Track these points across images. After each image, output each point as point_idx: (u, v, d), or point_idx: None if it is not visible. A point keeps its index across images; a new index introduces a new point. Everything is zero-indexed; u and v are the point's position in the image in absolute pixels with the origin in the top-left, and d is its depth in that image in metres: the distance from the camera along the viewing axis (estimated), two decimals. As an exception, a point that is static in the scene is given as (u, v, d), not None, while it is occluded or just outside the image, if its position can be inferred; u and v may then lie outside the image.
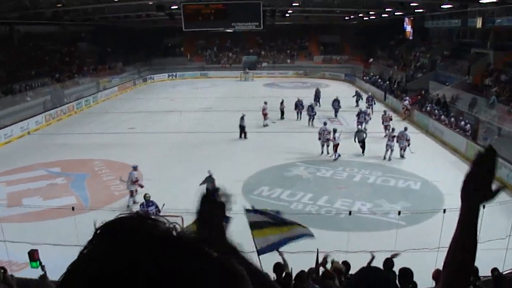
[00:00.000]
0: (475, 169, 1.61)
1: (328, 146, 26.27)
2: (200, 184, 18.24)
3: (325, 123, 27.08)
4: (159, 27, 61.16)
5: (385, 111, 32.38)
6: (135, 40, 66.54)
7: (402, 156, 26.04)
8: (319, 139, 26.49)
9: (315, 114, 33.99)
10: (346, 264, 10.16)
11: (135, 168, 20.06)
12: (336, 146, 25.68)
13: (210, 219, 1.78)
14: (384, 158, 25.83)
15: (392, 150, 25.73)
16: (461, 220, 1.65)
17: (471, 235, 1.63)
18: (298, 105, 35.95)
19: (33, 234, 15.23)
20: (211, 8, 35.20)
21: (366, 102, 38.92)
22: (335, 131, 26.01)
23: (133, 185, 19.68)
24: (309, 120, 33.84)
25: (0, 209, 14.70)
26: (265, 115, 33.84)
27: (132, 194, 19.75)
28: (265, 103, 34.36)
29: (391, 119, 30.90)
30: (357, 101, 40.88)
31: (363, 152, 26.48)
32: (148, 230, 0.95)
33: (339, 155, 25.64)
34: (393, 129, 27.55)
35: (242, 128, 30.02)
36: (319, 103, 39.76)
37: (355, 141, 26.73)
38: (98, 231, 0.97)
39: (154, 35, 67.39)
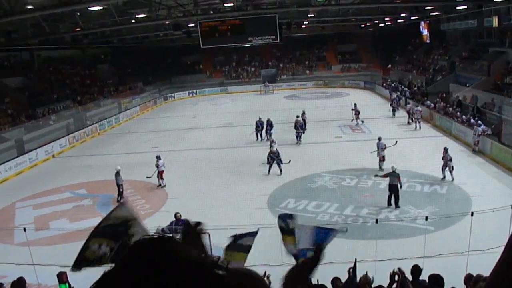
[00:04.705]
0: None
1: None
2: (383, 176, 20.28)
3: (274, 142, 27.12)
4: (177, 46, 61.52)
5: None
6: (154, 59, 67.15)
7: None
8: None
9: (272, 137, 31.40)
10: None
11: (380, 139, 25.06)
12: (161, 173, 24.81)
13: None
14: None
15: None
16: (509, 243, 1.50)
17: None
18: (258, 125, 34.34)
19: (61, 257, 15.26)
20: (227, 24, 35.17)
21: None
22: (158, 158, 25.09)
23: (382, 151, 24.64)
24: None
25: (28, 232, 14.77)
26: None
27: (383, 158, 24.52)
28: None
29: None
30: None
31: None
32: (173, 255, 1.04)
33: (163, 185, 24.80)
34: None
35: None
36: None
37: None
38: (130, 253, 1.02)
39: (172, 54, 67.86)
